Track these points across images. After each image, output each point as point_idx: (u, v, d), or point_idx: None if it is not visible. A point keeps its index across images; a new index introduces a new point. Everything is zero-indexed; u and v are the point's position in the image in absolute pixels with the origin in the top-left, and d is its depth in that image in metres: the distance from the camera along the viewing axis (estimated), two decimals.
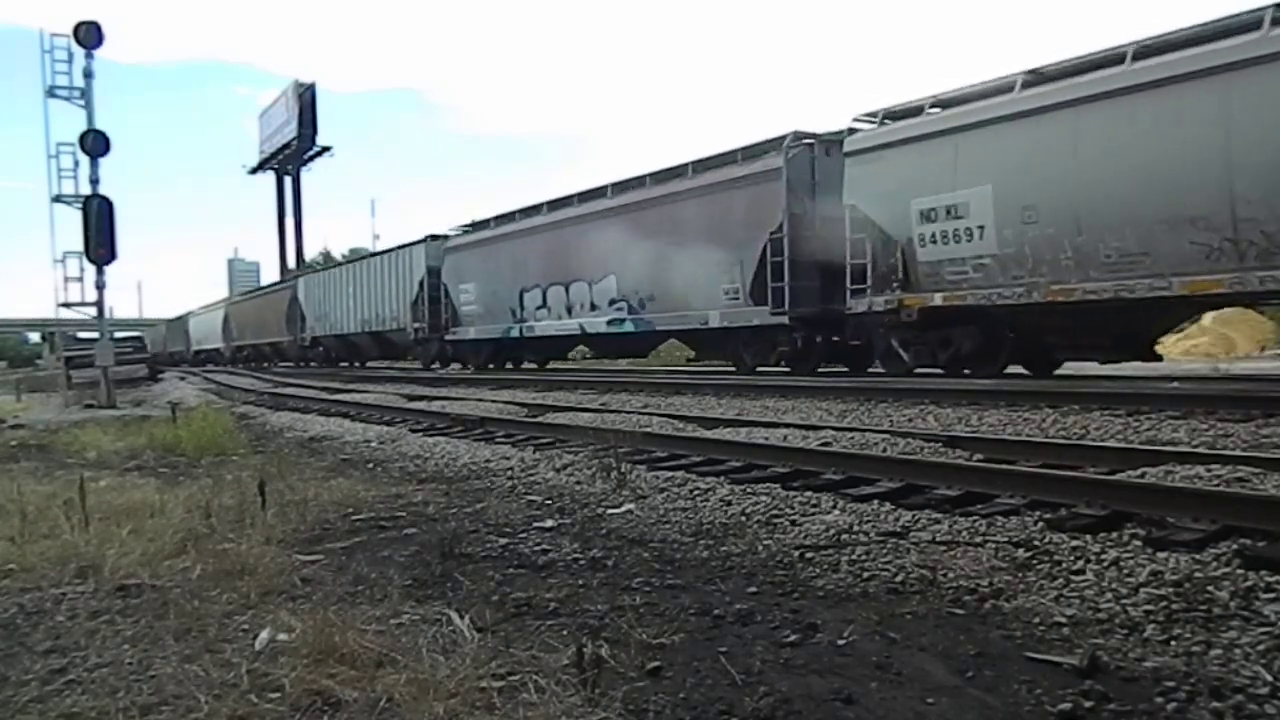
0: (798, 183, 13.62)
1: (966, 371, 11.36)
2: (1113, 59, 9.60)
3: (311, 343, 32.85)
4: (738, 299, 14.38)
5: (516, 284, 20.30)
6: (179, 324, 59.15)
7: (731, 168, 14.67)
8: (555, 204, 19.59)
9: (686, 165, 15.76)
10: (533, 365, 22.31)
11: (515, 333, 20.51)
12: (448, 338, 23.34)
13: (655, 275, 16.05)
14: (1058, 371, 11.69)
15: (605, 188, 17.82)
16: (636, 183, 17.10)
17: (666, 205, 15.92)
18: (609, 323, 17.38)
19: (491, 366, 22.34)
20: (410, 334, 24.62)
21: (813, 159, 13.72)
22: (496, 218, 21.77)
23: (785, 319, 13.51)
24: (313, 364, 32.60)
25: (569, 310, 18.72)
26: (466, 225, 23.58)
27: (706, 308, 14.97)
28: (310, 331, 32.78)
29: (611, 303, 17.32)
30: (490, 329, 21.55)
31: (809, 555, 3.25)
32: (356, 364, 30.98)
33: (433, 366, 24.60)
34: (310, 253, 66.45)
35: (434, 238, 24.30)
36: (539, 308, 19.65)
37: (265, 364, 39.05)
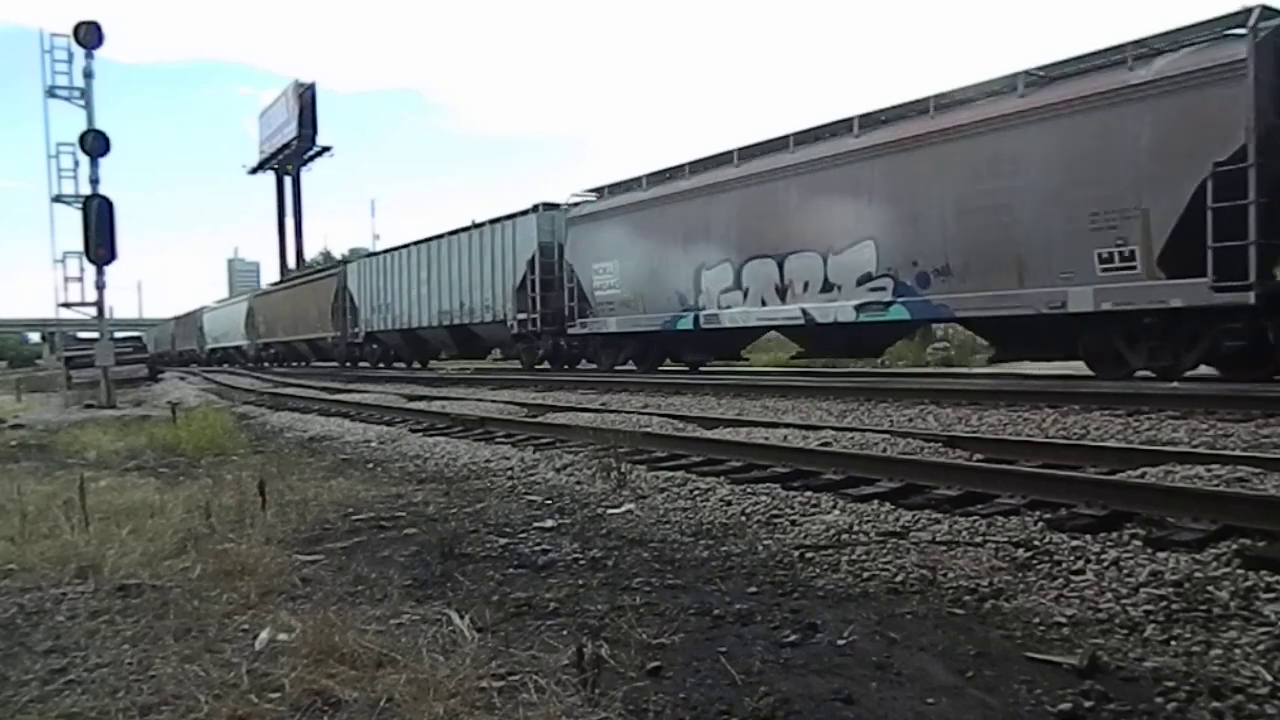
0: (1272, 82, 8.56)
1: None
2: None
3: (365, 339, 27.94)
4: (1132, 268, 9.47)
5: (690, 260, 15.25)
6: (190, 320, 55.24)
7: (1117, 72, 9.73)
8: (753, 150, 14.34)
9: (1014, 77, 10.75)
10: (686, 365, 17.53)
11: (686, 323, 15.38)
12: (573, 331, 18.29)
13: (958, 237, 11.08)
14: (1058, 371, 11.67)
15: (847, 122, 12.69)
16: (908, 111, 11.99)
17: (978, 139, 10.93)
18: (861, 308, 12.24)
19: (631, 366, 17.51)
20: (512, 327, 19.75)
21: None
22: (651, 175, 16.57)
23: (1243, 297, 8.50)
24: (362, 364, 28.57)
25: (783, 292, 13.54)
26: (594, 190, 18.48)
27: (1062, 283, 10.01)
28: (364, 326, 27.82)
29: (865, 280, 12.24)
30: (643, 320, 16.41)
31: (809, 555, 3.25)
32: (417, 364, 26.64)
33: (537, 367, 19.91)
34: (310, 253, 66.45)
35: (547, 206, 19.36)
36: (726, 290, 14.57)
37: (298, 364, 35.36)
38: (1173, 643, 2.26)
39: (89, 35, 13.70)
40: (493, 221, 20.97)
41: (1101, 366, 10.33)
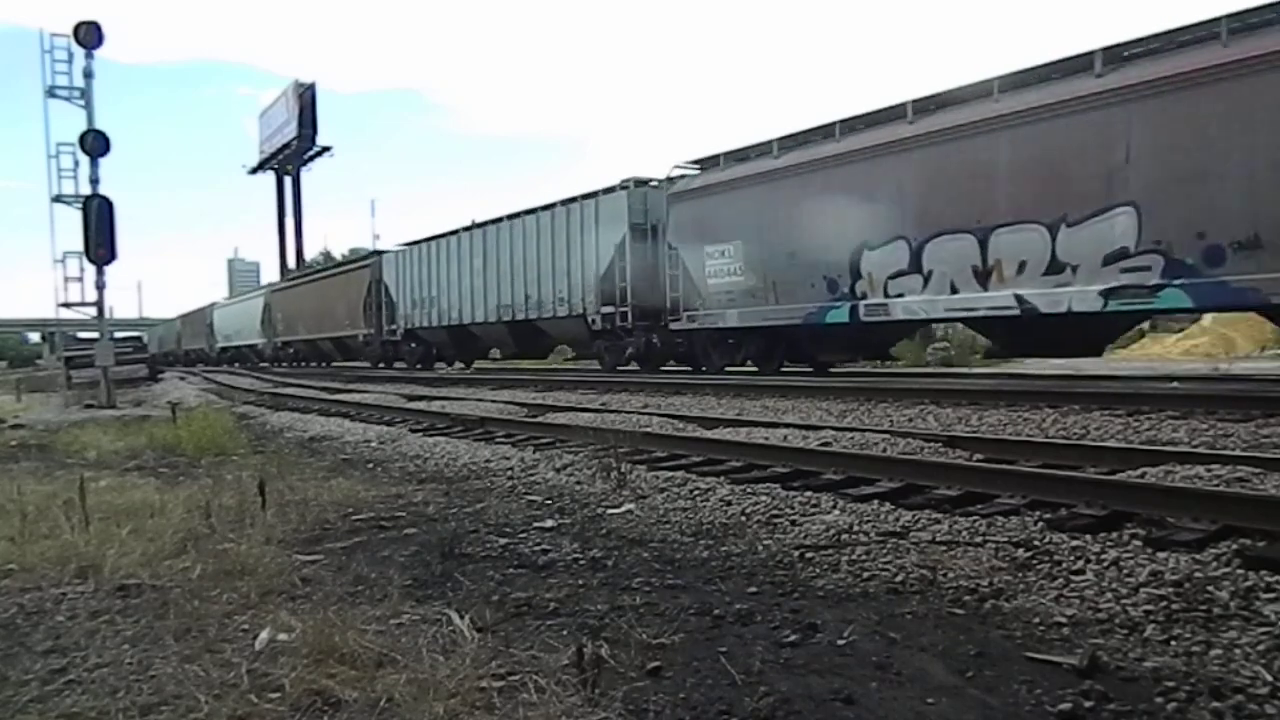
0: None
1: None
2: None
3: (404, 337, 25.11)
4: None
5: (845, 239, 12.28)
6: (198, 318, 52.12)
7: None
8: (934, 103, 11.60)
9: None
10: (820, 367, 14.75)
11: (839, 315, 12.40)
12: (675, 326, 15.25)
13: (1277, 199, 8.29)
14: (1059, 372, 11.67)
15: (1082, 58, 9.97)
16: (1178, 41, 9.36)
17: None
18: (1111, 293, 9.40)
19: (748, 366, 14.62)
20: (593, 322, 17.12)
21: None
22: (784, 139, 13.59)
23: None
24: (398, 365, 26.08)
25: (985, 276, 10.66)
26: (697, 162, 15.51)
27: None
28: (403, 323, 25.00)
29: (1117, 258, 9.39)
30: (774, 312, 13.45)
31: (809, 555, 3.25)
32: (461, 364, 24.22)
33: (621, 368, 16.97)
34: (310, 253, 66.42)
35: (639, 182, 16.65)
36: (898, 274, 11.66)
37: (324, 363, 32.70)
38: (1173, 643, 2.26)
39: (89, 35, 13.71)
40: (568, 201, 18.13)
41: None
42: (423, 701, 1.99)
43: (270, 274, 68.90)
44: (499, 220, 20.75)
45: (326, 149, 62.23)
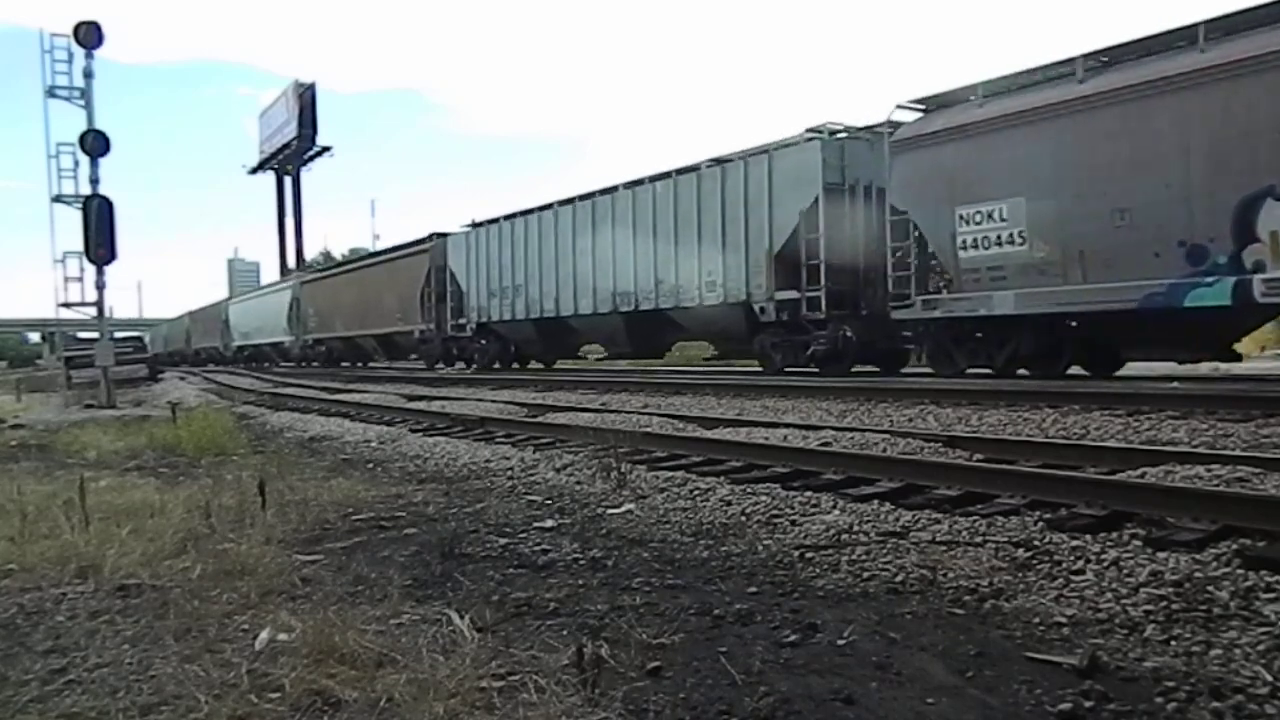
0: None
1: None
2: None
3: (475, 332, 21.41)
4: None
5: (1219, 187, 8.80)
6: (211, 314, 48.63)
7: None
8: None
9: None
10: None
11: (1213, 295, 8.89)
12: (905, 315, 11.85)
13: None
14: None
15: None
16: None
17: None
18: None
19: (1022, 369, 11.16)
20: (763, 311, 13.49)
21: None
22: (1091, 56, 10.05)
23: None
24: (458, 365, 22.80)
25: None
26: (930, 99, 11.78)
27: None
28: (475, 316, 21.22)
29: None
30: (1082, 293, 9.96)
31: (809, 555, 3.25)
32: (539, 364, 21.26)
33: (792, 369, 13.67)
34: (310, 252, 66.42)
35: (833, 133, 13.19)
36: None
37: (364, 363, 29.79)
38: (1173, 643, 2.26)
39: (89, 35, 13.72)
40: (719, 161, 14.54)
41: None
42: (423, 701, 1.98)
43: (270, 274, 68.71)
44: (612, 190, 16.95)
45: (326, 149, 62.35)
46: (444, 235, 23.63)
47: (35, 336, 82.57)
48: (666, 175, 15.78)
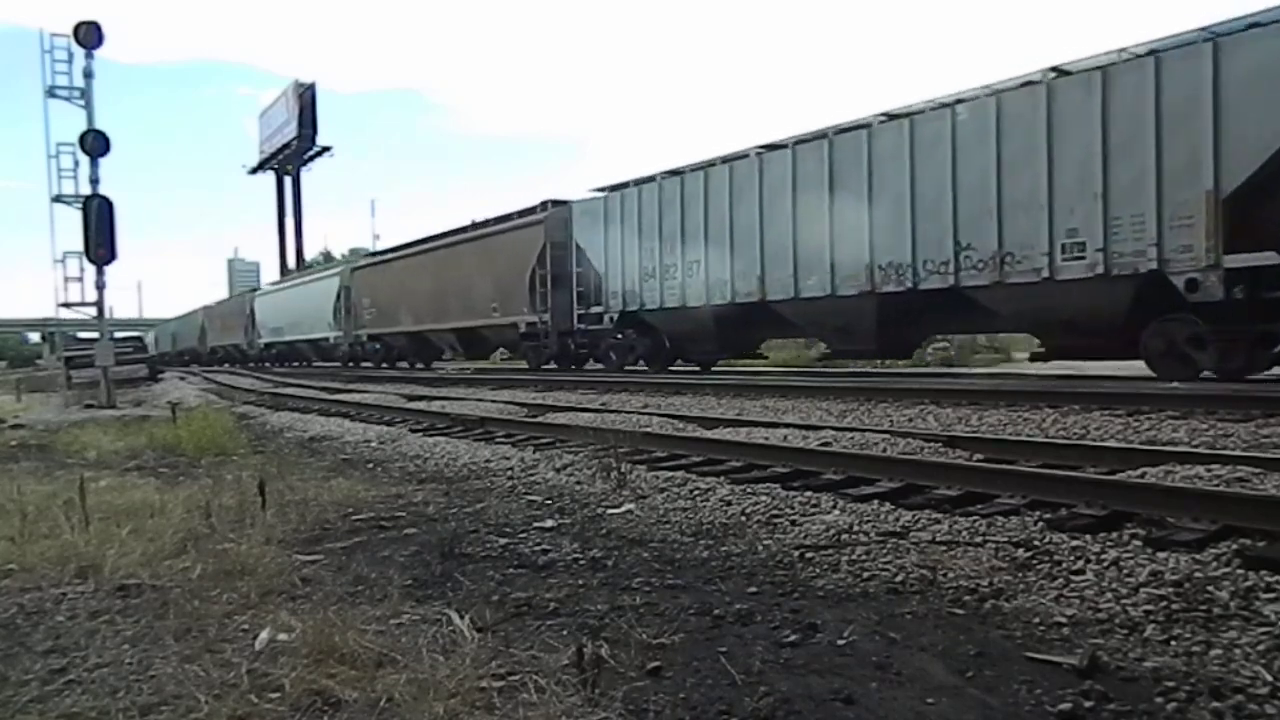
0: None
1: None
2: None
3: (617, 323, 16.62)
4: None
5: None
6: (232, 308, 43.70)
7: None
8: None
9: None
10: None
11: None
12: None
13: None
14: (1059, 371, 11.64)
15: None
16: None
17: None
18: None
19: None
20: (1202, 284, 8.76)
21: None
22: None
23: None
24: (597, 366, 18.13)
25: None
26: None
27: None
28: (616, 304, 16.45)
29: None
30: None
31: (809, 555, 3.25)
32: (698, 366, 16.64)
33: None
34: (310, 252, 66.39)
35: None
36: None
37: (426, 363, 25.49)
38: (1173, 643, 2.26)
39: (89, 35, 13.72)
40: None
41: None
42: (423, 701, 1.98)
43: (271, 274, 68.40)
44: (865, 126, 12.15)
45: (326, 149, 62.38)
46: (562, 203, 18.65)
47: (35, 336, 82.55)
48: (982, 96, 10.81)
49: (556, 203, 18.91)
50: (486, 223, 21.83)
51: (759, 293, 13.71)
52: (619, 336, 17.12)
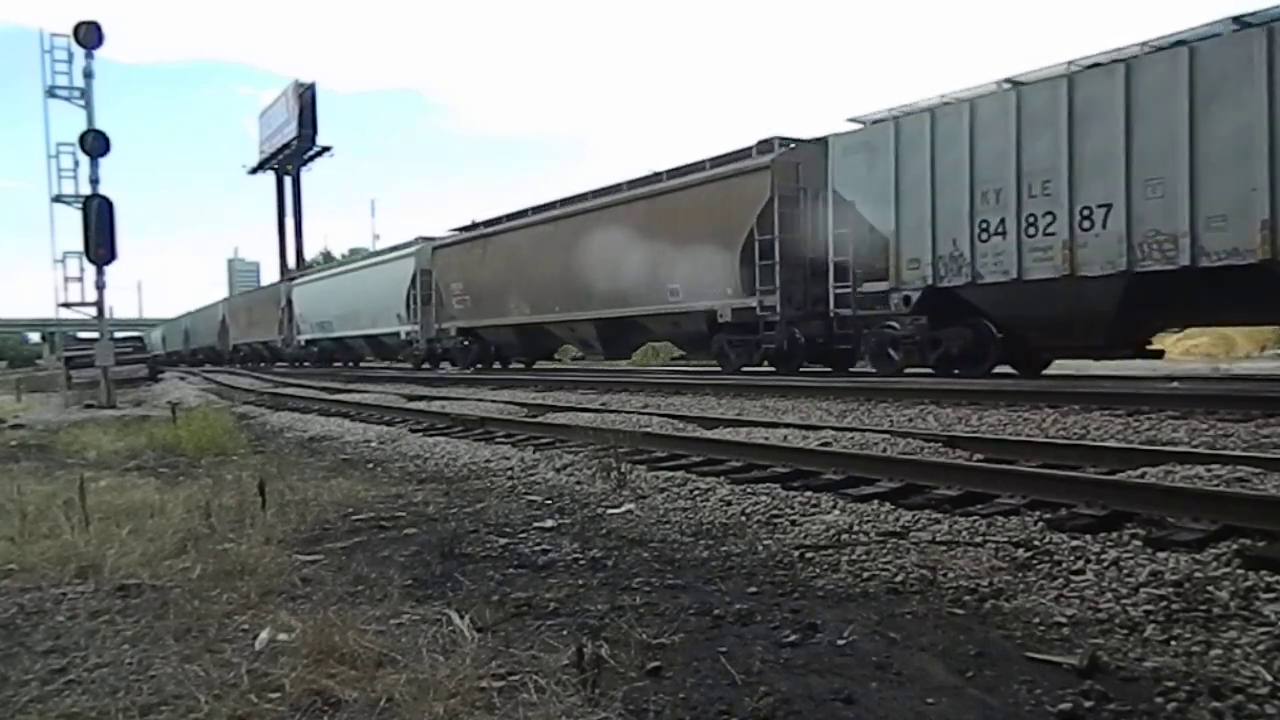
0: None
1: None
2: None
3: (918, 300, 11.56)
4: None
5: None
6: (259, 300, 39.07)
7: None
8: None
9: None
10: None
11: None
12: None
13: None
14: (1059, 371, 11.62)
15: None
16: None
17: None
18: None
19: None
20: None
21: None
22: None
23: None
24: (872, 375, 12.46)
25: None
26: None
27: None
28: (913, 278, 11.54)
29: None
30: None
31: (809, 555, 3.25)
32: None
33: None
34: (310, 252, 66.32)
35: None
36: None
37: (529, 362, 21.40)
38: (1173, 643, 2.26)
39: (89, 35, 13.72)
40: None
41: None
42: (423, 701, 1.98)
43: (270, 274, 68.14)
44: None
45: (326, 149, 62.27)
46: (795, 141, 13.97)
47: (35, 336, 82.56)
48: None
49: (787, 142, 14.02)
50: (650, 178, 16.56)
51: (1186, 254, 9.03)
52: (912, 323, 11.89)
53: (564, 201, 19.10)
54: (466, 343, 22.71)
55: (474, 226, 22.65)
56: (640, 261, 15.78)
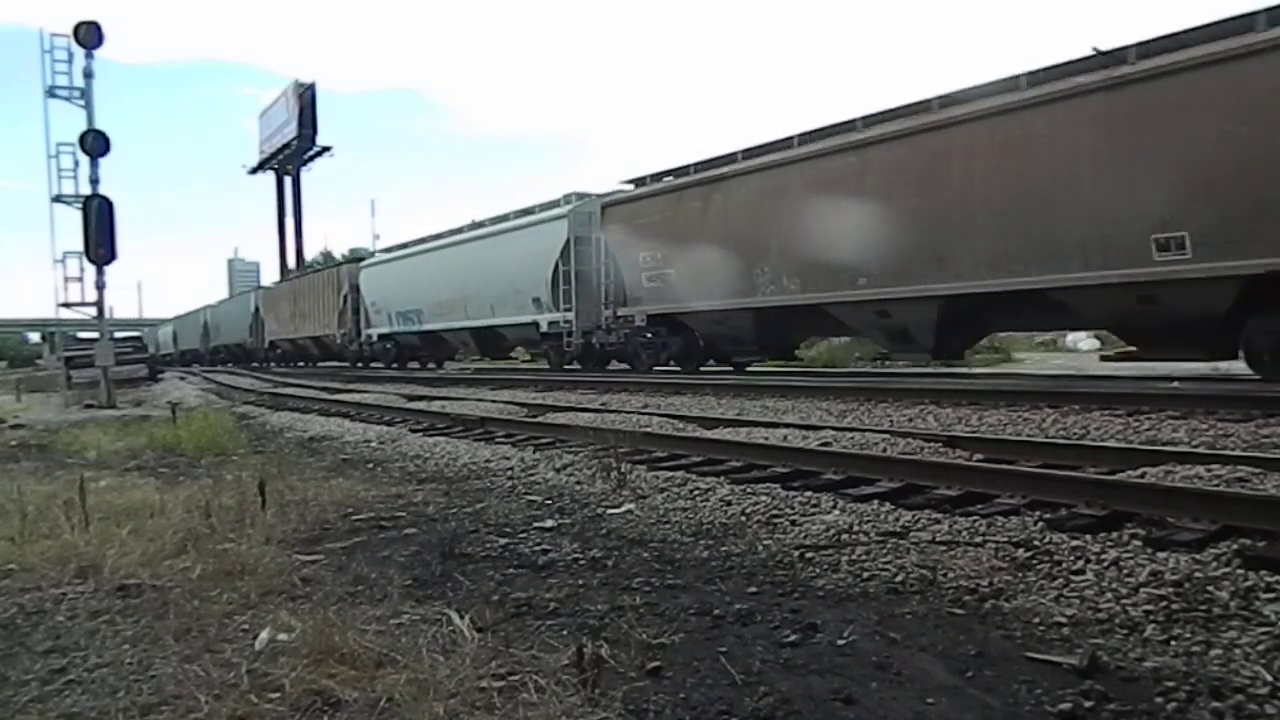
0: None
1: None
2: None
3: None
4: None
5: None
6: (310, 285, 31.84)
7: None
8: None
9: None
10: None
11: None
12: None
13: None
14: (1057, 372, 11.63)
15: None
16: None
17: None
18: None
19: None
20: None
21: None
22: None
23: None
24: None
25: None
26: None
27: None
28: None
29: None
30: None
31: (809, 555, 3.25)
32: None
33: None
34: (310, 253, 66.25)
35: None
36: None
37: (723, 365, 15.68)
38: (1173, 643, 2.26)
39: (89, 35, 13.70)
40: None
41: None
42: (423, 701, 1.98)
43: (271, 274, 67.84)
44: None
45: (326, 149, 62.22)
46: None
47: (35, 336, 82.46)
48: None
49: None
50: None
51: None
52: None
53: (826, 130, 12.45)
54: (654, 334, 16.19)
55: (681, 172, 15.26)
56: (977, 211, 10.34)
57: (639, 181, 16.55)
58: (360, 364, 27.34)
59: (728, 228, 13.96)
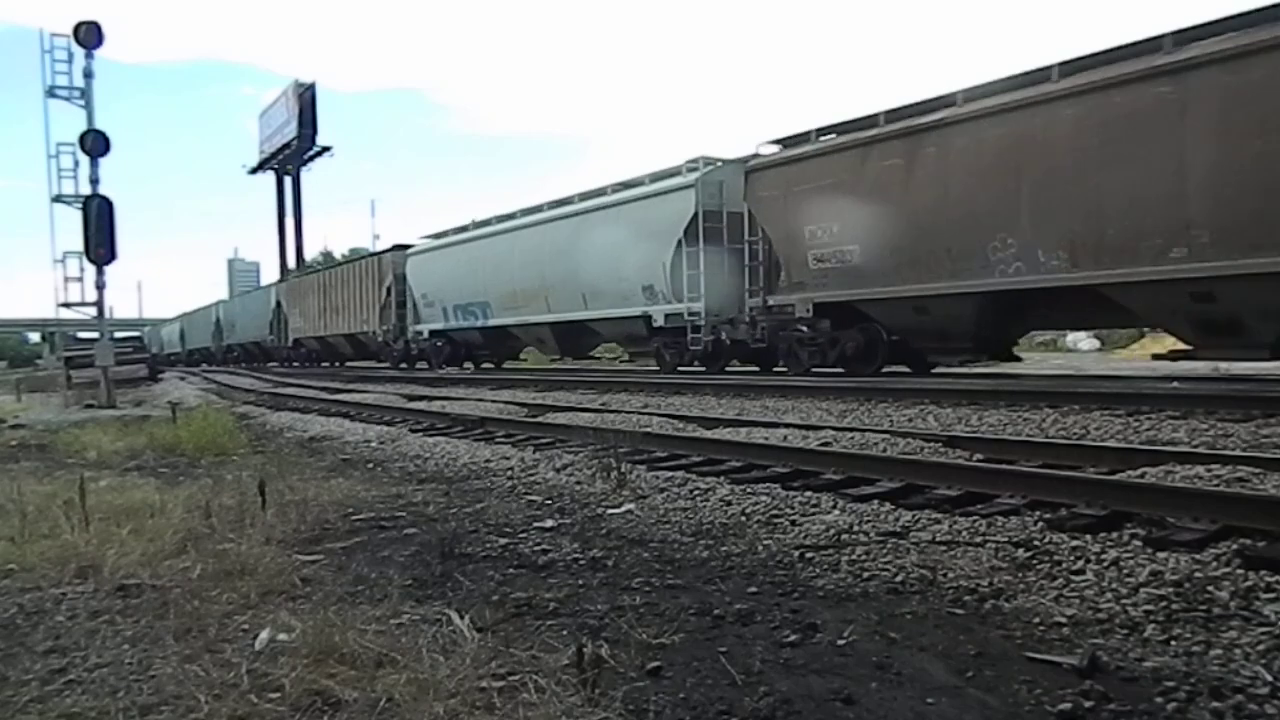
0: None
1: None
2: None
3: None
4: None
5: None
6: (345, 276, 27.81)
7: None
8: None
9: None
10: None
11: None
12: None
13: None
14: (1057, 372, 11.63)
15: None
16: None
17: None
18: None
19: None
20: None
21: None
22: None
23: None
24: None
25: None
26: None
27: None
28: None
29: None
30: None
31: (809, 555, 3.25)
32: None
33: None
34: (310, 252, 66.22)
35: None
36: None
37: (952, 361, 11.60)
38: (1173, 643, 2.26)
39: (89, 35, 13.70)
40: None
41: None
42: (423, 701, 1.98)
43: (271, 274, 67.71)
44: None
45: (326, 149, 62.15)
46: None
47: (35, 336, 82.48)
48: None
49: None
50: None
51: None
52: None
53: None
54: (815, 328, 12.87)
55: (867, 122, 11.76)
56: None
57: (789, 142, 13.07)
58: (405, 365, 24.10)
59: (947, 189, 10.64)
